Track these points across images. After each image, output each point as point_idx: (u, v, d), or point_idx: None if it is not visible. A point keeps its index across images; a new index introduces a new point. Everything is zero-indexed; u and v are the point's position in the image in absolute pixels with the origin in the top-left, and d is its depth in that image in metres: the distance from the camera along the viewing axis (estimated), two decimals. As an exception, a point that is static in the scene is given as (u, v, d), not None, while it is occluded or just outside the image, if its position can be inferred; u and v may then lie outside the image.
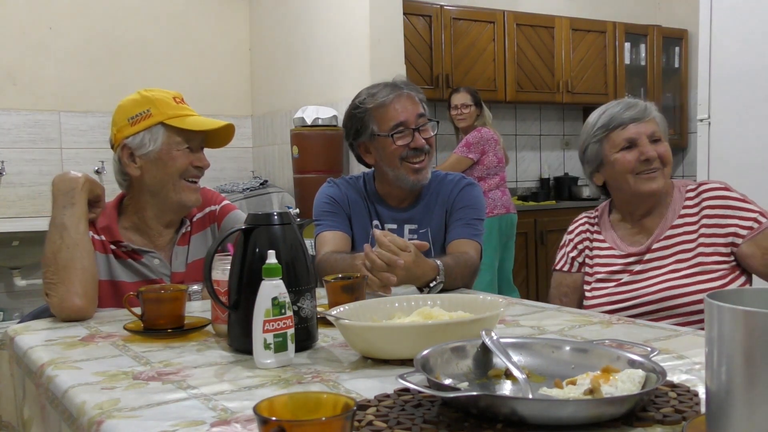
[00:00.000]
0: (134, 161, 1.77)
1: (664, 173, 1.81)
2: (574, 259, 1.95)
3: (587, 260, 1.93)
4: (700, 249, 1.77)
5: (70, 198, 1.65)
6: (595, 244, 1.92)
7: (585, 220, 1.99)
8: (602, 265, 1.88)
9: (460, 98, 4.45)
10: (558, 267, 1.99)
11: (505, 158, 4.45)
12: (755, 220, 1.74)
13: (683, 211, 1.82)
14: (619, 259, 1.85)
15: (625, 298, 1.79)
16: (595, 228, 1.94)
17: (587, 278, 1.91)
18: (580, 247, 1.95)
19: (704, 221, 1.79)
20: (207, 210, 1.92)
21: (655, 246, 1.81)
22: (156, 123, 1.75)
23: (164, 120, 1.75)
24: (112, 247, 1.79)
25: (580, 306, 1.90)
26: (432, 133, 2.06)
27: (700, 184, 1.85)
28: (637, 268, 1.82)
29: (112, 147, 1.82)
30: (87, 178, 1.70)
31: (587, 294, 1.89)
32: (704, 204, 1.80)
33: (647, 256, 1.81)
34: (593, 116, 1.87)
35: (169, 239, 1.86)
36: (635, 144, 1.79)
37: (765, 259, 1.72)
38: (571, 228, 2.01)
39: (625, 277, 1.82)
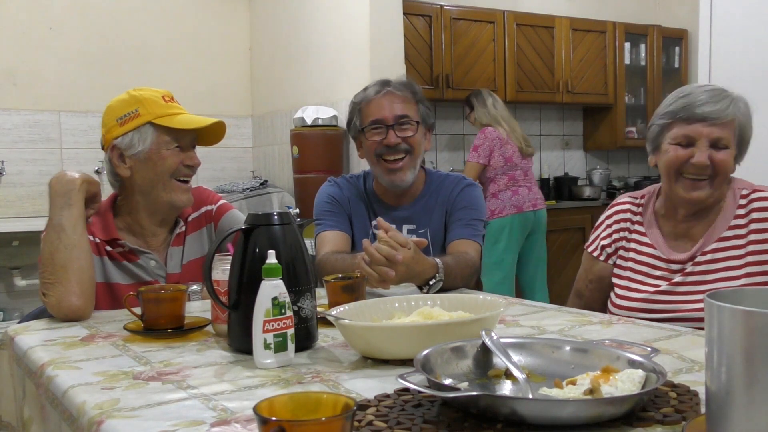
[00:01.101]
0: (124, 162, 1.76)
1: (713, 183, 1.64)
2: (604, 248, 1.82)
3: (622, 252, 1.79)
4: (747, 269, 1.62)
5: (68, 199, 1.64)
6: (635, 236, 1.78)
7: (628, 206, 1.81)
8: (639, 263, 1.75)
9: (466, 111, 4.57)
10: (589, 249, 1.86)
11: (519, 154, 4.30)
12: None
13: (734, 222, 1.66)
14: (659, 262, 1.72)
15: (658, 309, 1.67)
16: (638, 218, 1.79)
17: (618, 271, 1.79)
18: (615, 236, 1.80)
19: (752, 237, 1.64)
20: (203, 210, 1.91)
21: (699, 258, 1.66)
22: (144, 123, 1.74)
23: (152, 119, 1.74)
24: (108, 248, 1.78)
25: (604, 299, 1.81)
26: (412, 134, 2.03)
27: (755, 190, 1.68)
28: (677, 278, 1.68)
29: (103, 148, 1.82)
30: (84, 179, 1.68)
31: (618, 291, 1.77)
32: (753, 216, 1.64)
33: (689, 268, 1.67)
34: (674, 94, 1.70)
35: (163, 240, 1.86)
36: (692, 144, 1.63)
37: None
38: (610, 211, 1.85)
39: (664, 286, 1.69)
